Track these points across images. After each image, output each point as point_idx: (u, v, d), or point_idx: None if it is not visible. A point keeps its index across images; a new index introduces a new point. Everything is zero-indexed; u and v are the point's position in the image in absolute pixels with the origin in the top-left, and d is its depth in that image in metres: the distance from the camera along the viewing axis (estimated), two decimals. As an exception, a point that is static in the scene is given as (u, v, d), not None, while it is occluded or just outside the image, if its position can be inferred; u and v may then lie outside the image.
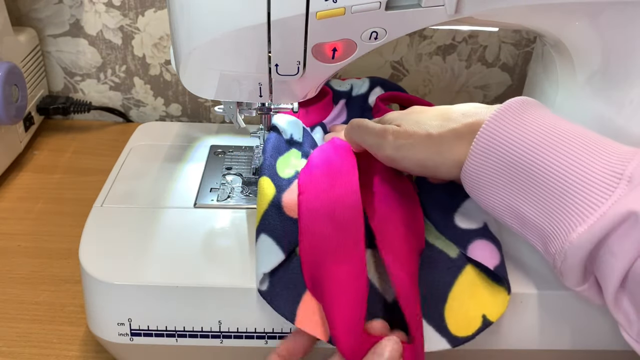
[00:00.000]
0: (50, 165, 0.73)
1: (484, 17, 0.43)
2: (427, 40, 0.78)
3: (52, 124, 0.81)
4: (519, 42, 0.78)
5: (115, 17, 0.77)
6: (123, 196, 0.51)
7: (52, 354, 0.49)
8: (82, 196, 0.65)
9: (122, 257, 0.45)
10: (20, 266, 0.57)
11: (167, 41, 0.78)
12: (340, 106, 0.60)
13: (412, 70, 0.80)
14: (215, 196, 0.52)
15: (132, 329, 0.43)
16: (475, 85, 0.82)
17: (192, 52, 0.43)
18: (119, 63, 0.80)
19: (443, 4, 0.41)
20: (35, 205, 0.66)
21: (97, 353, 0.49)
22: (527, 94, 0.60)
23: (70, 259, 0.58)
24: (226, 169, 0.56)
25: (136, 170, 0.55)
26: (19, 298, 0.54)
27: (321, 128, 0.57)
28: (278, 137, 0.52)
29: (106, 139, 0.78)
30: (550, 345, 0.45)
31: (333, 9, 0.39)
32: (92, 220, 0.48)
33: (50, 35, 0.79)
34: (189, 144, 0.60)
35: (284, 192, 0.46)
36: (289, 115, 0.54)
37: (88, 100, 0.82)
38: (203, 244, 0.46)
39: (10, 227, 0.62)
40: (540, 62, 0.56)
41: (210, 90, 0.46)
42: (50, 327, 0.51)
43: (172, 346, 0.44)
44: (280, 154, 0.50)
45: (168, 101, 0.83)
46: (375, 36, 0.42)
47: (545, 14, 0.44)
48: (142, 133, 0.62)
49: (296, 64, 0.43)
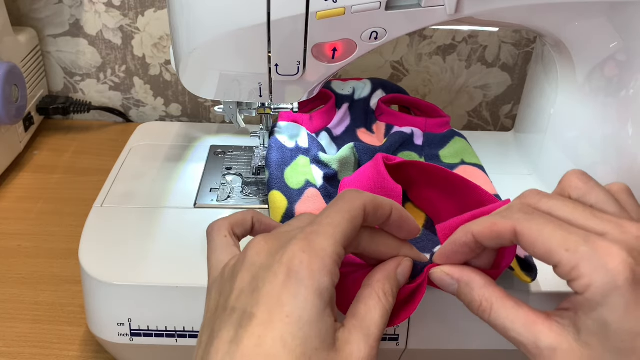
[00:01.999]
0: (50, 165, 0.73)
1: (484, 17, 0.43)
2: (427, 40, 0.78)
3: (52, 124, 0.81)
4: (519, 42, 0.78)
5: (115, 17, 0.77)
6: (123, 196, 0.51)
7: (52, 354, 0.49)
8: (82, 196, 0.65)
9: (122, 257, 0.45)
10: (20, 266, 0.57)
11: (167, 41, 0.78)
12: (343, 110, 0.60)
13: (412, 70, 0.80)
14: (215, 196, 0.52)
15: (132, 329, 0.43)
16: (475, 85, 0.82)
17: (192, 52, 0.43)
18: (119, 63, 0.80)
19: (443, 4, 0.41)
20: (35, 205, 0.66)
21: (97, 353, 0.49)
22: (527, 94, 0.61)
23: (70, 259, 0.58)
24: (226, 169, 0.56)
25: (136, 170, 0.55)
26: (19, 298, 0.54)
27: (326, 133, 0.57)
28: (281, 146, 0.51)
29: (106, 139, 0.78)
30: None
31: (333, 9, 0.39)
32: (92, 220, 0.48)
33: (50, 35, 0.79)
34: (189, 144, 0.60)
35: (296, 202, 0.46)
36: (287, 122, 0.54)
37: (88, 100, 0.82)
38: (203, 244, 0.46)
39: (10, 227, 0.62)
40: (540, 62, 0.56)
41: (210, 90, 0.46)
42: (50, 327, 0.51)
43: (172, 346, 0.44)
44: (287, 164, 0.49)
45: (168, 101, 0.83)
46: (375, 36, 0.42)
47: (546, 14, 0.44)
48: (142, 133, 0.62)
49: (296, 64, 0.43)
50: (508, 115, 0.84)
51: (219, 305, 0.31)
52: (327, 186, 0.49)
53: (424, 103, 0.61)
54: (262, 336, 0.28)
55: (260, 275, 0.30)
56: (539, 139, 0.55)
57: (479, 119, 0.85)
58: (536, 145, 0.56)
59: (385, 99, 0.61)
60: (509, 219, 0.31)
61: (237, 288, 0.31)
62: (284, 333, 0.28)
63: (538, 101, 0.56)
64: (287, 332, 0.28)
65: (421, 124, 0.58)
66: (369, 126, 0.60)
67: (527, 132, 0.59)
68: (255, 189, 0.53)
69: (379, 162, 0.45)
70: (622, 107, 0.45)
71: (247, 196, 0.53)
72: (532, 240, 0.30)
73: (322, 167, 0.50)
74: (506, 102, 0.83)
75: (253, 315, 0.29)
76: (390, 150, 0.54)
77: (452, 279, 0.33)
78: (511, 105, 0.83)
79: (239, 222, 0.38)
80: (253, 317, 0.29)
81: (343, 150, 0.52)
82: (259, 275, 0.30)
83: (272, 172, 0.48)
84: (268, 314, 0.29)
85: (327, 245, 0.30)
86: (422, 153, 0.56)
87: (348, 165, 0.51)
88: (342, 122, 0.60)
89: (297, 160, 0.50)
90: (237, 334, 0.29)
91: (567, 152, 0.51)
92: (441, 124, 0.58)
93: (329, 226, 0.31)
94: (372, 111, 0.61)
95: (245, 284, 0.30)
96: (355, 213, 0.32)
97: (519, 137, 0.62)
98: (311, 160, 0.51)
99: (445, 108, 0.83)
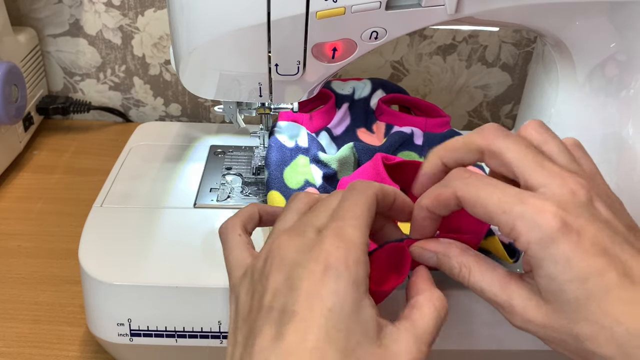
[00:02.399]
0: (50, 165, 0.73)
1: (484, 17, 0.43)
2: (427, 40, 0.78)
3: (51, 124, 0.81)
4: (519, 42, 0.78)
5: (114, 17, 0.77)
6: (123, 196, 0.51)
7: (52, 354, 0.49)
8: (82, 196, 0.65)
9: (122, 257, 0.45)
10: (20, 266, 0.57)
11: (167, 41, 0.78)
12: (343, 110, 0.60)
13: (412, 70, 0.80)
14: (215, 196, 0.52)
15: (131, 329, 0.43)
16: (476, 85, 0.82)
17: (192, 52, 0.43)
18: (119, 63, 0.80)
19: (443, 4, 0.41)
20: (35, 205, 0.66)
21: (96, 353, 0.49)
22: (527, 94, 0.61)
23: (70, 259, 0.58)
24: (226, 169, 0.56)
25: (136, 170, 0.55)
26: (19, 298, 0.54)
27: (326, 132, 0.57)
28: (280, 146, 0.51)
29: (106, 139, 0.78)
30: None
31: (333, 9, 0.39)
32: (92, 220, 0.48)
33: (50, 35, 0.79)
34: (188, 144, 0.60)
35: None
36: (287, 122, 0.54)
37: (88, 100, 0.82)
38: (203, 244, 0.46)
39: (10, 227, 0.62)
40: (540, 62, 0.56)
41: (210, 90, 0.46)
42: (50, 327, 0.51)
43: (172, 346, 0.44)
44: (286, 164, 0.49)
45: (168, 101, 0.83)
46: (375, 36, 0.42)
47: (546, 14, 0.44)
48: (141, 133, 0.62)
49: (296, 64, 0.43)
50: (508, 115, 0.84)
51: (253, 306, 0.32)
52: (326, 186, 0.49)
53: (424, 103, 0.60)
54: (306, 331, 0.29)
55: (296, 274, 0.30)
56: (539, 139, 0.55)
57: (479, 119, 0.85)
58: (536, 145, 0.56)
59: (385, 99, 0.61)
60: (449, 187, 0.33)
61: (270, 287, 0.31)
62: (327, 326, 0.29)
63: (538, 101, 0.56)
64: (330, 326, 0.29)
65: (421, 124, 0.58)
66: (369, 126, 0.60)
67: (527, 132, 0.59)
68: (255, 189, 0.53)
69: (377, 162, 0.45)
70: (622, 107, 0.45)
71: (247, 196, 0.52)
72: (472, 204, 0.31)
73: (321, 166, 0.50)
74: (506, 102, 0.83)
75: (294, 312, 0.29)
76: (390, 150, 0.54)
77: (430, 252, 0.35)
78: (511, 105, 0.83)
79: (249, 218, 0.39)
80: (294, 314, 0.29)
81: (343, 149, 0.52)
82: (294, 273, 0.31)
83: (271, 172, 0.48)
84: (309, 310, 0.29)
85: (356, 237, 0.31)
86: (422, 153, 0.56)
87: (347, 165, 0.51)
88: (342, 122, 0.60)
89: (296, 159, 0.50)
90: (279, 332, 0.29)
91: (567, 152, 0.51)
92: (441, 123, 0.58)
93: (353, 219, 0.32)
94: (372, 111, 0.61)
95: (279, 284, 0.31)
96: (370, 202, 0.33)
97: (519, 137, 0.62)
98: (311, 160, 0.51)
99: (446, 108, 0.83)
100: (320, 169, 0.50)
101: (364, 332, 0.29)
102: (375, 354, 0.29)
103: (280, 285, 0.31)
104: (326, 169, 0.50)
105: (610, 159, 0.46)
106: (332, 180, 0.50)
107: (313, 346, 0.28)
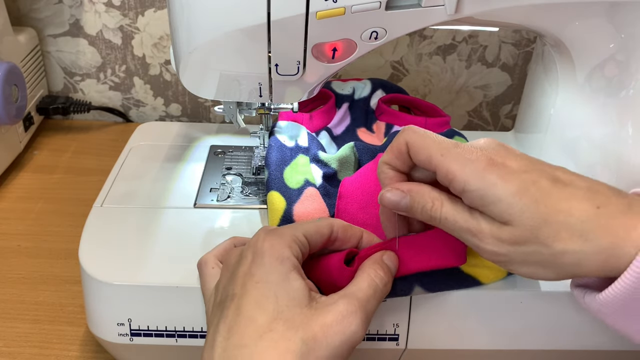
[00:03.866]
0: (50, 165, 0.73)
1: (484, 17, 0.43)
2: (427, 40, 0.78)
3: (51, 124, 0.81)
4: (519, 42, 0.78)
5: (115, 17, 0.77)
6: (123, 196, 0.51)
7: (52, 354, 0.49)
8: (82, 196, 0.65)
9: (122, 257, 0.45)
10: (20, 266, 0.57)
11: (167, 41, 0.78)
12: (343, 110, 0.60)
13: (412, 70, 0.80)
14: (215, 196, 0.52)
15: (131, 329, 0.43)
16: (475, 85, 0.82)
17: (192, 52, 0.43)
18: (119, 63, 0.80)
19: (443, 4, 0.41)
20: (35, 205, 0.66)
21: (97, 353, 0.49)
22: (527, 94, 0.61)
23: (70, 259, 0.58)
24: (226, 169, 0.56)
25: (136, 170, 0.55)
26: (19, 298, 0.54)
27: (326, 132, 0.57)
28: (280, 146, 0.51)
29: (106, 139, 0.78)
30: (551, 345, 0.45)
31: (333, 9, 0.39)
32: (92, 220, 0.48)
33: (50, 35, 0.79)
34: (188, 144, 0.60)
35: (295, 203, 0.46)
36: (287, 122, 0.54)
37: (88, 100, 0.82)
38: (203, 244, 0.46)
39: (10, 227, 0.62)
40: (540, 62, 0.56)
41: (210, 90, 0.46)
42: (50, 327, 0.51)
43: (172, 346, 0.44)
44: (286, 163, 0.49)
45: (168, 101, 0.83)
46: (375, 36, 0.42)
47: (546, 14, 0.44)
48: (142, 133, 0.62)
49: (296, 64, 0.43)
50: (508, 115, 0.84)
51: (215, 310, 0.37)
52: (326, 185, 0.49)
53: (424, 103, 0.61)
54: (239, 305, 0.34)
55: (235, 267, 0.37)
56: (539, 139, 0.55)
57: (479, 119, 0.85)
58: (536, 146, 0.56)
59: (385, 99, 0.61)
60: (401, 137, 0.37)
61: (220, 288, 0.37)
62: (256, 296, 0.34)
63: (538, 101, 0.56)
64: (259, 294, 0.34)
65: (421, 124, 0.58)
66: (369, 126, 0.60)
67: (527, 132, 0.59)
68: (255, 189, 0.53)
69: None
70: (622, 107, 0.45)
71: (247, 196, 0.53)
72: (416, 148, 0.36)
73: (321, 166, 0.50)
74: (506, 102, 0.83)
75: (233, 295, 0.35)
76: None
77: (402, 193, 0.37)
78: (511, 105, 0.83)
79: (223, 251, 0.42)
80: (234, 296, 0.35)
81: (343, 149, 0.52)
82: (234, 268, 0.37)
83: (271, 172, 0.48)
84: (242, 287, 0.35)
85: (285, 230, 0.37)
86: (422, 153, 0.56)
87: (348, 165, 0.51)
88: (342, 122, 0.60)
89: (296, 159, 0.50)
90: (222, 314, 0.34)
91: (567, 152, 0.51)
92: (441, 123, 0.58)
93: (289, 226, 0.38)
94: (372, 111, 0.61)
95: (225, 281, 0.37)
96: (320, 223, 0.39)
97: (519, 137, 0.62)
98: (311, 159, 0.51)
99: (445, 108, 0.83)
100: (320, 169, 0.50)
101: (292, 297, 0.34)
102: (304, 314, 0.33)
103: (225, 282, 0.37)
104: (326, 168, 0.50)
105: (610, 159, 0.46)
106: (332, 180, 0.50)
107: (246, 315, 0.33)
